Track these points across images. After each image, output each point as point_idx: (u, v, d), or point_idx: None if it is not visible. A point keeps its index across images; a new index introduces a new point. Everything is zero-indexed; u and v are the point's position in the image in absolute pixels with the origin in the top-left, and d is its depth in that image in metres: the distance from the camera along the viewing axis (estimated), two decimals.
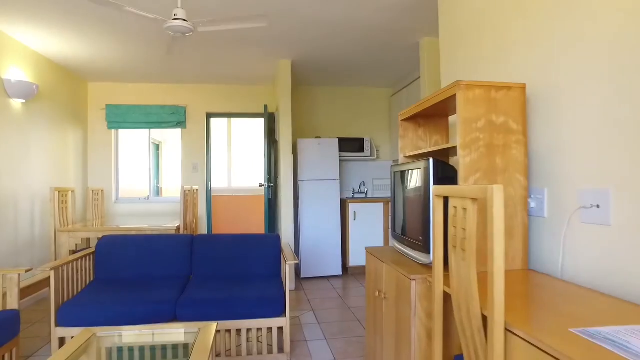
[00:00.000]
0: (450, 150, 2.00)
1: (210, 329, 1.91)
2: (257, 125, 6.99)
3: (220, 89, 5.66)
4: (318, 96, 5.80)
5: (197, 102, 5.60)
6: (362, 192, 5.77)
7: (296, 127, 5.71)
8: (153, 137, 6.55)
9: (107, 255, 2.96)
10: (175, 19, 2.62)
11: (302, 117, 5.75)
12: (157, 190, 7.65)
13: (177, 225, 3.89)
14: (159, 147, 7.97)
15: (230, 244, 3.08)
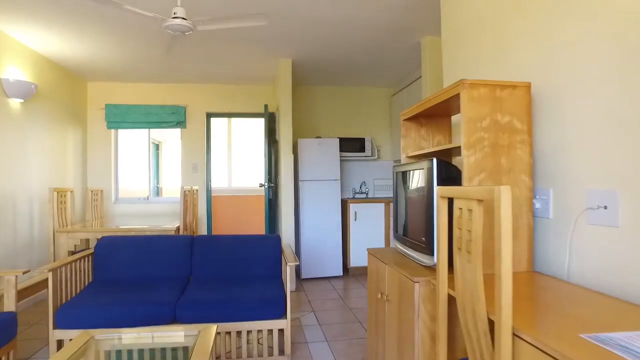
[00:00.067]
0: (453, 150, 1.97)
1: (210, 331, 1.89)
2: (257, 125, 6.97)
3: (220, 89, 5.64)
4: (318, 96, 5.77)
5: (197, 101, 5.57)
6: (363, 192, 5.74)
7: (296, 126, 5.68)
8: (153, 137, 6.52)
9: (106, 256, 2.94)
10: (174, 18, 2.60)
11: (302, 117, 5.72)
12: (157, 190, 7.62)
13: (176, 226, 3.86)
14: (158, 147, 7.93)
15: (230, 245, 3.05)
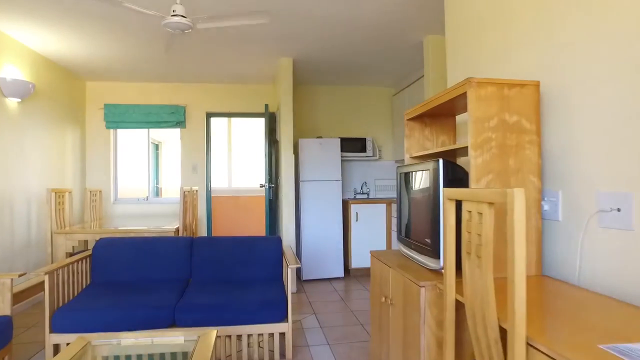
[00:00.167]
0: (457, 150, 1.93)
1: (209, 336, 1.84)
2: (258, 125, 6.92)
3: (220, 88, 5.59)
4: (319, 95, 5.72)
5: (196, 101, 5.53)
6: (364, 192, 5.69)
7: (297, 126, 5.63)
8: (152, 137, 6.47)
9: (104, 258, 2.89)
10: (173, 15, 2.55)
11: (303, 117, 5.67)
12: (157, 190, 7.57)
13: (176, 227, 3.82)
14: (158, 147, 7.89)
15: (230, 247, 3.00)
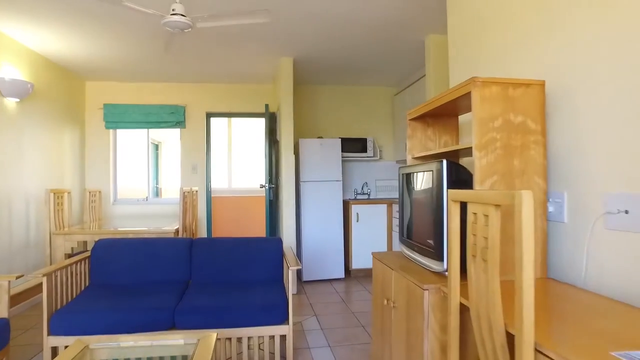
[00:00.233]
0: (460, 151, 1.90)
1: (209, 339, 1.81)
2: (258, 125, 6.89)
3: (220, 88, 5.56)
4: (320, 95, 5.69)
5: (196, 101, 5.50)
6: (365, 193, 5.67)
7: (298, 126, 5.61)
8: (152, 137, 6.44)
9: (103, 259, 2.86)
10: (173, 14, 2.53)
11: (303, 117, 5.64)
12: (157, 191, 7.54)
13: (175, 228, 3.79)
14: (158, 147, 7.85)
15: (230, 248, 2.98)
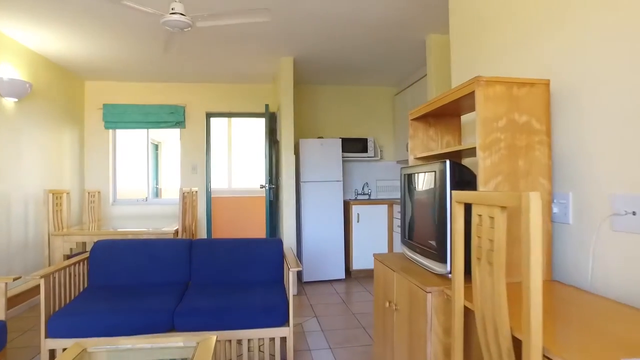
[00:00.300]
0: (462, 152, 1.88)
1: (209, 342, 1.79)
2: (258, 125, 6.87)
3: (220, 88, 5.54)
4: (320, 95, 5.67)
5: (196, 101, 5.47)
6: (366, 193, 5.64)
7: (298, 126, 5.58)
8: (152, 137, 6.42)
9: (101, 260, 2.84)
10: (172, 13, 2.50)
11: (304, 117, 5.62)
12: (156, 191, 7.52)
13: (175, 229, 3.77)
14: (157, 147, 7.83)
15: (230, 249, 2.95)
